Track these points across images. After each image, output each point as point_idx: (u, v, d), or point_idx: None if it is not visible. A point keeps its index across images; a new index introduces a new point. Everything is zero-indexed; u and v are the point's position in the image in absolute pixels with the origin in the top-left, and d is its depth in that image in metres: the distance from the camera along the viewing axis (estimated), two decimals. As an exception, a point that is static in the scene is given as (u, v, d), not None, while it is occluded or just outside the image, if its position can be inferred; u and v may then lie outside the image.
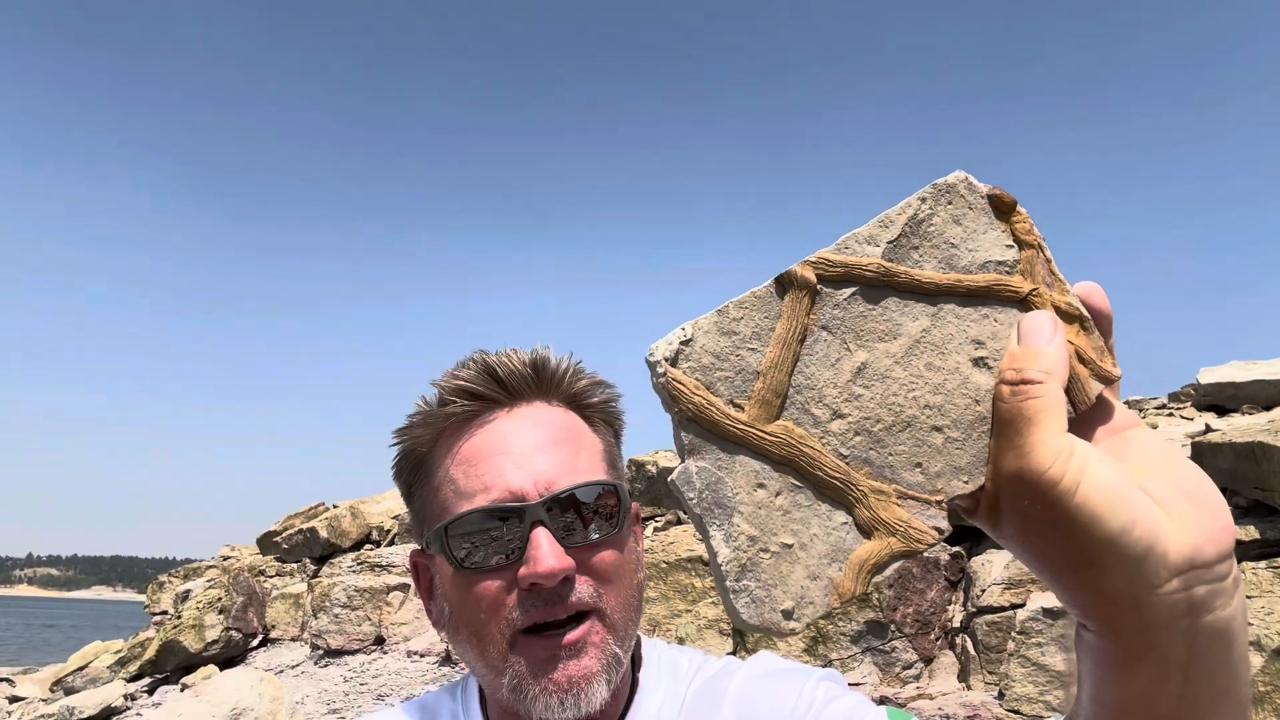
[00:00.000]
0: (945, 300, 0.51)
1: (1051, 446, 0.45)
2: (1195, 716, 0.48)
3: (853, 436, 0.50)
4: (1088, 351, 0.51)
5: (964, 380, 0.50)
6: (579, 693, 0.86)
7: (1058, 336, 0.49)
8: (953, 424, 0.50)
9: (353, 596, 8.70)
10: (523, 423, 0.94)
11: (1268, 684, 3.38)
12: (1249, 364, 8.71)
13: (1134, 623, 0.45)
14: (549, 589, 0.87)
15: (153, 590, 12.79)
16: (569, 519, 0.89)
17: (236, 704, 5.94)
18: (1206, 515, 0.46)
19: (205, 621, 9.09)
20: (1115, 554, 0.44)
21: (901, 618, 5.24)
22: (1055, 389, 0.47)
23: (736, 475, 0.49)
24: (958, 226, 0.52)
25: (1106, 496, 0.44)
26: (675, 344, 0.49)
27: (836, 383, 0.50)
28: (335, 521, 10.78)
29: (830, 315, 0.50)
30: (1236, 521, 4.22)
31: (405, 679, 7.64)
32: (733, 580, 0.48)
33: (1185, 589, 0.45)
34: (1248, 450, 4.11)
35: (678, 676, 1.00)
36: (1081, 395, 0.50)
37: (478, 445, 0.93)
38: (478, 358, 0.97)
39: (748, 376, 0.50)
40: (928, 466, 0.50)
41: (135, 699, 8.48)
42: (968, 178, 0.52)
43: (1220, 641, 0.47)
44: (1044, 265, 0.52)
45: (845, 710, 0.89)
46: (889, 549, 0.49)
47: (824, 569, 0.49)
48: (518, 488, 0.89)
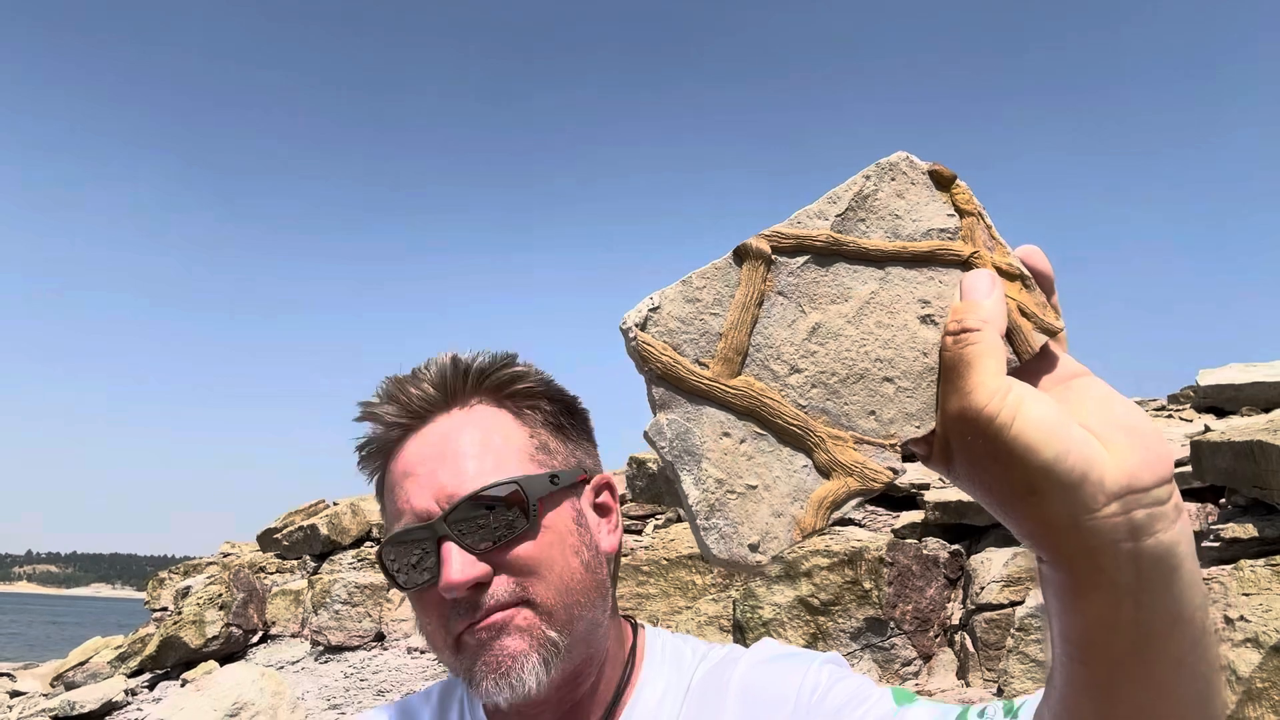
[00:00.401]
0: (892, 265, 0.55)
1: (989, 386, 0.49)
2: (1153, 642, 0.51)
3: (810, 389, 0.54)
4: (1030, 306, 0.55)
5: (912, 335, 0.55)
6: (507, 671, 0.88)
7: (995, 291, 0.54)
8: (903, 375, 0.54)
9: (353, 593, 8.71)
10: (428, 439, 0.97)
11: (1266, 680, 3.40)
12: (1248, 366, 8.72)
13: (1078, 546, 0.48)
14: (464, 598, 0.89)
15: (153, 587, 12.79)
16: (477, 524, 0.90)
17: (238, 699, 5.95)
18: (1141, 445, 0.49)
19: (206, 618, 9.10)
20: (1051, 480, 0.47)
21: (901, 615, 5.26)
22: (992, 335, 0.52)
23: (703, 425, 0.53)
24: (901, 200, 0.56)
25: (1040, 428, 0.48)
26: (644, 311, 0.54)
27: (793, 341, 0.54)
28: (336, 518, 10.78)
29: (785, 281, 0.55)
30: (1235, 520, 4.25)
31: (405, 675, 7.65)
32: (703, 519, 0.52)
33: (1124, 512, 0.48)
34: (1246, 449, 4.12)
35: (681, 666, 1.01)
36: (1025, 346, 0.55)
37: (395, 471, 0.98)
38: (385, 386, 1.00)
39: (711, 338, 0.54)
40: (881, 414, 0.54)
41: (136, 694, 8.49)
42: (909, 156, 0.57)
43: (1165, 564, 0.49)
44: (985, 231, 0.56)
45: (849, 691, 0.90)
46: (846, 488, 0.53)
47: (787, 507, 0.53)
48: (422, 508, 0.92)
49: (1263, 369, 8.54)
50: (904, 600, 5.29)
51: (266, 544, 11.76)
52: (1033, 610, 4.51)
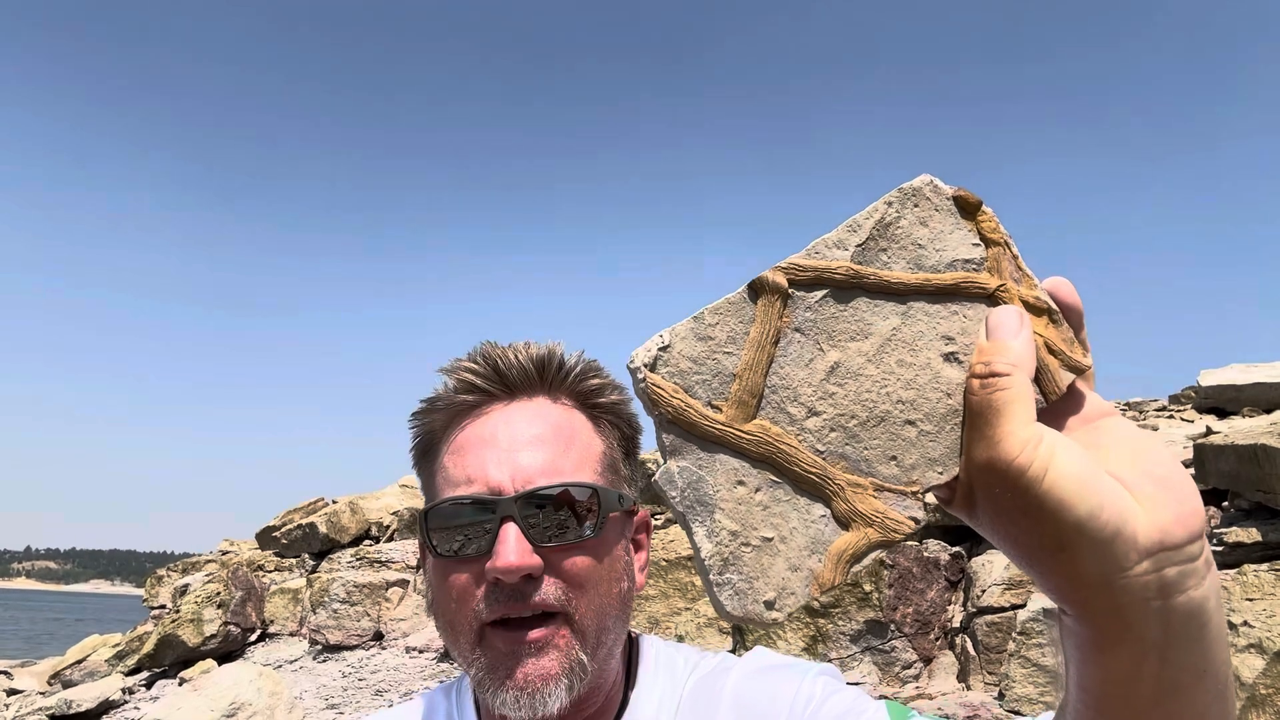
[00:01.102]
0: (914, 299, 0.53)
1: (1019, 436, 0.47)
2: (1174, 697, 0.49)
3: (828, 433, 0.52)
4: (1057, 343, 0.53)
5: (935, 375, 0.52)
6: (534, 693, 0.85)
7: (1024, 330, 0.51)
8: (925, 417, 0.52)
9: (351, 592, 8.69)
10: (516, 417, 0.94)
11: (1270, 686, 3.38)
12: (1249, 367, 8.71)
13: (1107, 604, 0.47)
14: (511, 585, 0.86)
15: (151, 584, 12.79)
16: (543, 517, 0.88)
17: (235, 698, 5.93)
18: (1175, 499, 0.47)
19: (204, 616, 9.09)
20: (1084, 537, 0.46)
21: (901, 617, 5.24)
22: (1022, 380, 0.49)
23: (716, 473, 0.51)
24: (924, 228, 0.54)
25: (1073, 482, 0.46)
26: (654, 350, 0.52)
27: (811, 382, 0.52)
28: (334, 517, 10.78)
29: (803, 317, 0.52)
30: (1238, 524, 4.23)
31: (404, 674, 7.64)
32: (716, 574, 0.50)
33: (1156, 570, 0.46)
34: (1250, 453, 4.10)
35: (675, 675, 1.00)
36: (1052, 385, 0.52)
37: (469, 437, 0.94)
38: (484, 349, 0.98)
39: (724, 379, 0.52)
40: (902, 459, 0.52)
41: (133, 693, 8.48)
42: (933, 180, 0.54)
43: (1195, 622, 0.48)
44: (1011, 261, 0.54)
45: (844, 705, 0.88)
46: (867, 539, 0.51)
47: (804, 560, 0.51)
48: (496, 481, 0.89)
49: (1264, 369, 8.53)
50: (904, 603, 5.27)
51: (265, 542, 11.75)
52: (1035, 614, 4.49)
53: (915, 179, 0.54)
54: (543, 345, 0.98)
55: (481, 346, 0.98)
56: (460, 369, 0.97)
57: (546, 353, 0.97)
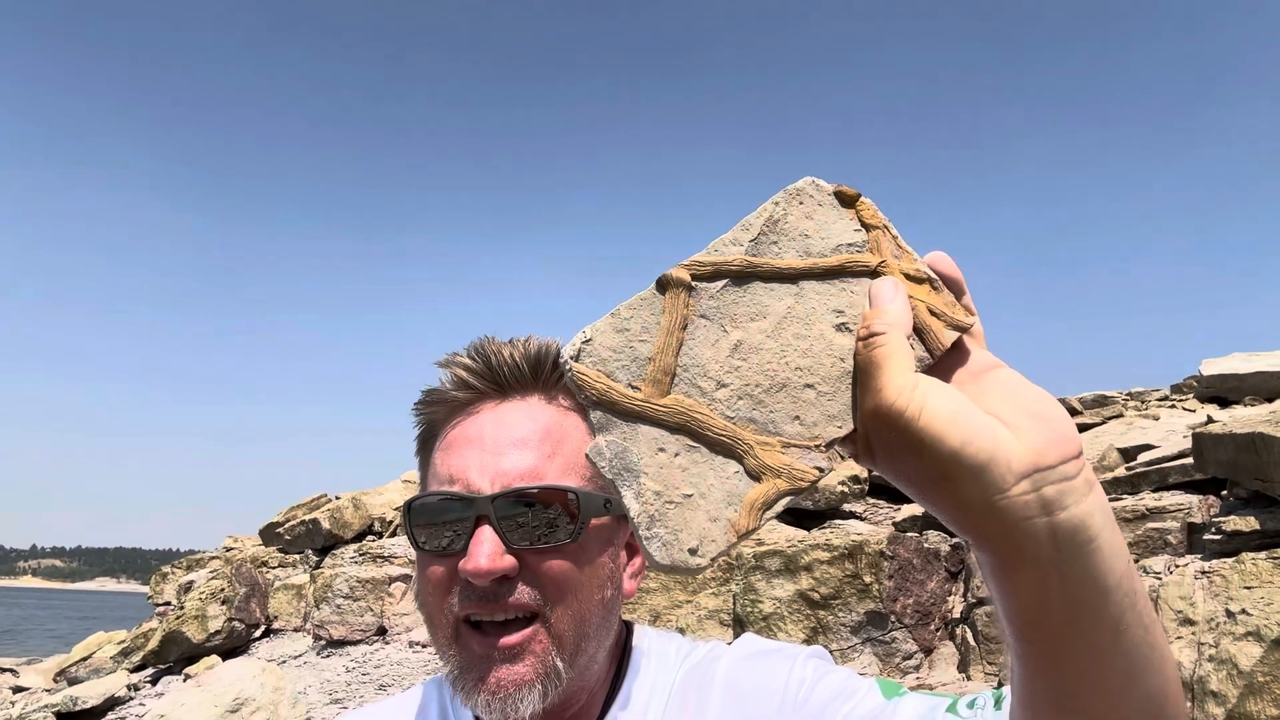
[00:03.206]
0: (805, 280, 0.60)
1: (897, 383, 0.54)
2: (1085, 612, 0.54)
3: (736, 401, 0.58)
4: (939, 306, 0.60)
5: (829, 343, 0.59)
6: (506, 699, 0.85)
7: (899, 295, 0.58)
8: (822, 380, 0.58)
9: (355, 587, 8.72)
10: (506, 418, 0.94)
11: (1267, 674, 3.38)
12: (1251, 355, 8.70)
13: (994, 525, 0.52)
14: (483, 586, 0.86)
15: (156, 581, 12.82)
16: (521, 519, 0.87)
17: (239, 694, 5.96)
18: (1046, 427, 0.53)
19: (208, 612, 9.12)
20: (960, 465, 0.51)
21: (902, 609, 5.25)
22: (898, 337, 0.56)
23: (640, 443, 0.56)
24: (810, 220, 0.61)
25: (945, 417, 0.52)
26: (578, 344, 0.58)
27: (717, 359, 0.58)
28: (338, 513, 10.80)
29: (707, 305, 0.59)
30: (1236, 513, 4.23)
31: (407, 669, 7.66)
32: (644, 529, 0.55)
33: (1034, 490, 0.51)
34: (1248, 441, 4.09)
35: (666, 665, 1.00)
36: (936, 342, 0.59)
37: (458, 435, 0.94)
38: (480, 344, 0.97)
39: (641, 363, 0.58)
40: (805, 418, 0.58)
41: (138, 689, 8.51)
42: (815, 180, 0.62)
43: (1081, 535, 0.52)
44: (891, 241, 0.61)
45: (835, 687, 0.89)
46: (776, 488, 0.56)
47: (722, 511, 0.56)
48: (476, 481, 0.89)
49: (1265, 358, 8.52)
50: (905, 594, 5.28)
51: (269, 538, 11.78)
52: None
53: (799, 181, 0.61)
54: (540, 342, 0.97)
55: (478, 341, 0.98)
56: (455, 364, 0.97)
57: (543, 350, 0.96)
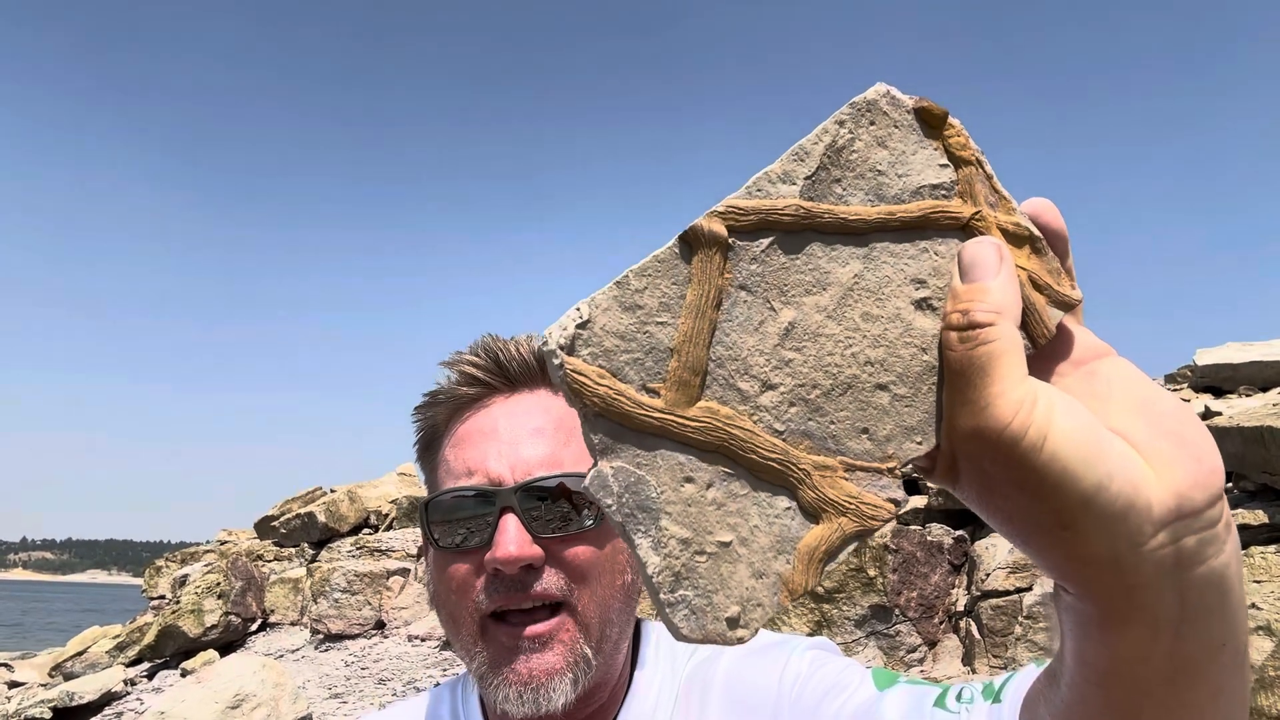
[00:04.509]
0: (877, 238, 0.44)
1: (1010, 398, 0.39)
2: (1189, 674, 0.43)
3: (787, 408, 0.43)
4: (1042, 276, 0.45)
5: (907, 327, 0.44)
6: (539, 688, 0.84)
7: (1005, 266, 0.43)
8: (899, 379, 0.44)
9: (352, 581, 8.69)
10: (518, 409, 0.94)
11: (1278, 669, 3.39)
12: (1246, 345, 8.75)
13: (1117, 584, 0.40)
14: (511, 576, 0.86)
15: (150, 575, 12.78)
16: (544, 509, 0.88)
17: (239, 690, 5.93)
18: (1191, 457, 0.40)
19: (204, 606, 9.08)
20: (1092, 514, 0.38)
21: (906, 602, 5.25)
22: (1009, 329, 0.41)
23: (659, 472, 0.42)
24: (883, 150, 0.45)
25: (1077, 449, 0.38)
26: (570, 328, 0.42)
27: (763, 349, 0.43)
28: (333, 506, 10.76)
29: (748, 272, 0.43)
30: (1244, 506, 4.24)
31: (406, 663, 7.64)
32: (667, 591, 0.41)
33: (1173, 542, 0.39)
34: (1256, 434, 4.10)
35: (675, 662, 1.00)
36: (1040, 327, 0.44)
37: (470, 429, 0.94)
38: (485, 341, 0.97)
39: (660, 356, 0.42)
40: (875, 431, 0.44)
41: (135, 684, 8.48)
42: (890, 91, 0.45)
43: (1215, 592, 0.41)
44: (985, 183, 0.45)
45: (831, 678, 0.88)
46: (840, 531, 0.42)
47: (770, 564, 0.42)
48: (496, 473, 0.89)
49: (1260, 348, 8.57)
50: (909, 587, 5.28)
51: (264, 531, 11.73)
52: (1040, 598, 4.50)
53: (870, 90, 0.45)
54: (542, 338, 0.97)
55: (483, 339, 0.98)
56: (461, 361, 0.97)
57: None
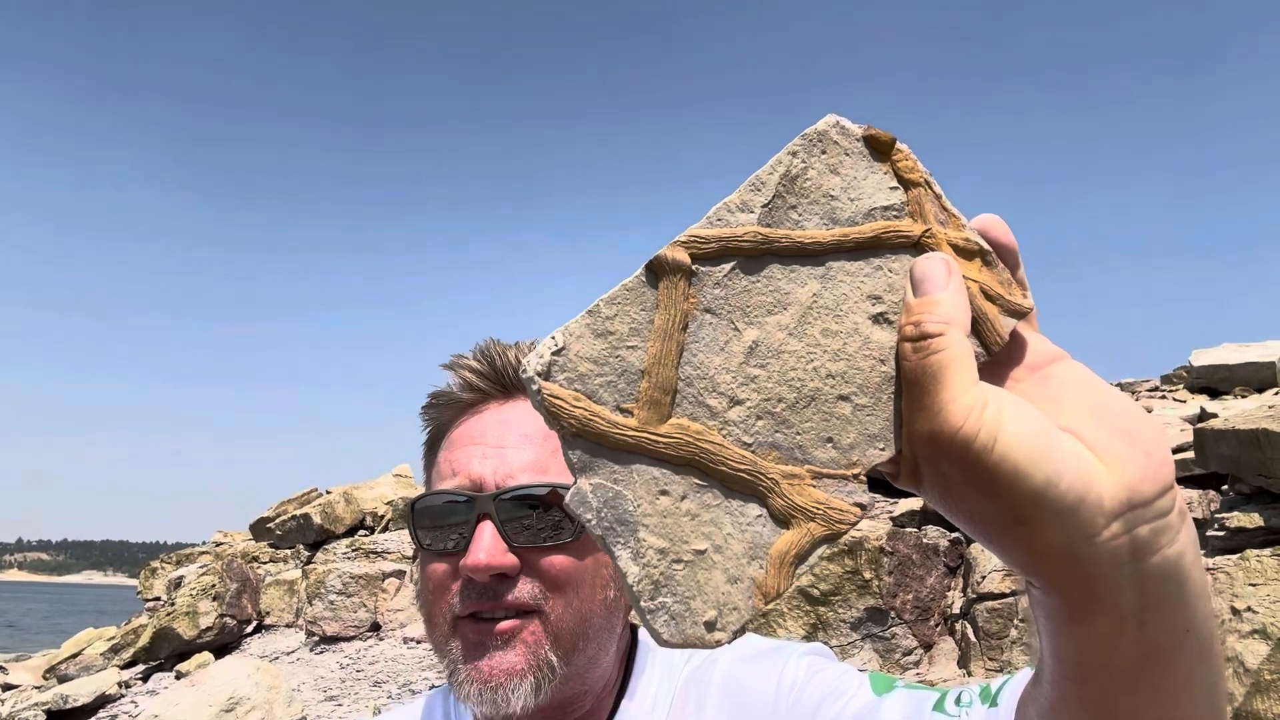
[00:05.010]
0: (833, 258, 0.47)
1: (962, 403, 0.42)
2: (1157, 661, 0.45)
3: (755, 421, 0.46)
4: (994, 287, 0.48)
5: (865, 340, 0.47)
6: (497, 688, 0.84)
7: (953, 279, 0.45)
8: (859, 389, 0.47)
9: (348, 583, 8.67)
10: (510, 416, 0.94)
11: (1275, 673, 3.38)
12: (1241, 346, 8.78)
13: (1077, 574, 0.42)
14: (483, 583, 0.86)
15: (145, 576, 12.74)
16: (523, 517, 0.88)
17: (234, 693, 5.91)
18: (1140, 451, 0.42)
19: (199, 608, 9.05)
20: (1045, 508, 0.40)
21: (901, 604, 5.25)
22: (958, 338, 0.44)
23: (635, 486, 0.45)
24: (835, 176, 0.48)
25: (1027, 448, 0.40)
26: (546, 356, 0.45)
27: (729, 367, 0.46)
28: (329, 507, 10.73)
29: (711, 295, 0.46)
30: (1239, 509, 4.24)
31: (402, 665, 7.62)
32: (648, 599, 0.44)
33: (1126, 531, 0.41)
34: (1251, 437, 4.10)
35: (671, 668, 0.99)
36: (993, 335, 0.47)
37: (462, 433, 0.95)
38: (485, 346, 0.98)
39: (631, 378, 0.45)
40: (839, 440, 0.46)
41: (129, 686, 8.45)
42: (839, 121, 0.48)
43: (1172, 580, 0.43)
44: (934, 202, 0.48)
45: (828, 685, 0.88)
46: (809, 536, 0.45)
47: (743, 569, 0.45)
48: (478, 476, 0.90)
49: (1255, 349, 8.59)
50: (904, 589, 5.27)
51: (259, 533, 11.70)
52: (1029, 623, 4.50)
53: (820, 121, 0.48)
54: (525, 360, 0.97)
55: (484, 344, 0.98)
56: (460, 366, 0.98)
57: None
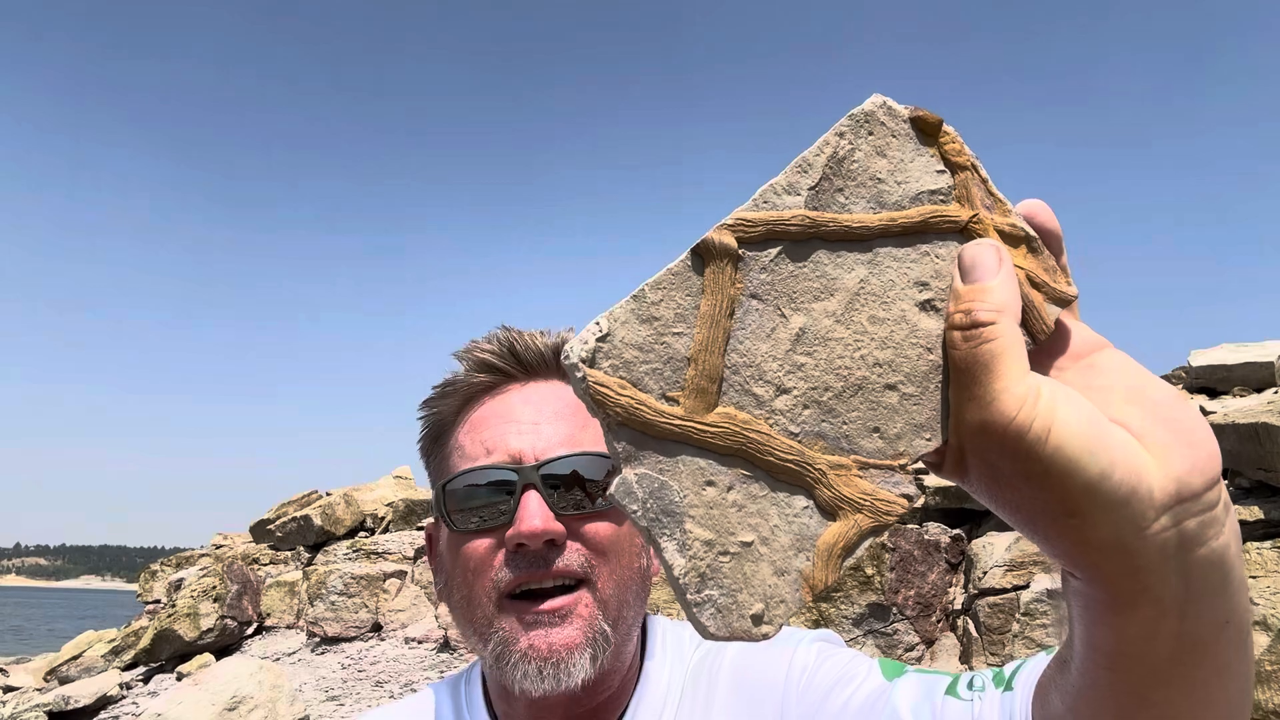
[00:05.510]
0: (880, 243, 0.47)
1: (1014, 392, 0.41)
2: (1195, 652, 0.46)
3: (801, 411, 0.46)
4: (1039, 274, 0.47)
5: (913, 328, 0.47)
6: (559, 662, 0.84)
7: (1004, 266, 0.45)
8: (907, 378, 0.46)
9: (349, 584, 8.67)
10: (534, 395, 0.95)
11: (1275, 663, 3.41)
12: (1239, 346, 8.80)
13: (1124, 567, 0.42)
14: (534, 551, 0.86)
15: (145, 579, 12.72)
16: (564, 487, 0.89)
17: (236, 692, 5.92)
18: (1188, 443, 0.42)
19: (200, 610, 9.05)
20: (1097, 501, 0.41)
21: (903, 600, 5.26)
22: (1010, 326, 0.43)
23: (681, 477, 0.45)
24: (882, 159, 0.47)
25: (1081, 440, 0.40)
26: (591, 342, 0.44)
27: (775, 355, 0.46)
28: (329, 509, 10.73)
29: (758, 281, 0.46)
30: (1239, 502, 4.26)
31: (403, 665, 7.63)
32: (694, 592, 0.44)
33: (1175, 525, 0.42)
34: (1251, 431, 4.12)
35: (682, 654, 1.00)
36: (1039, 324, 0.47)
37: (486, 414, 0.95)
38: (499, 332, 0.98)
39: (677, 365, 0.45)
40: (886, 429, 0.46)
41: (130, 688, 8.44)
42: (886, 102, 0.48)
43: (1217, 573, 0.44)
44: (980, 187, 0.48)
45: (839, 669, 0.88)
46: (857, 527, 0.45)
47: (791, 562, 0.45)
48: (516, 451, 0.90)
49: (1254, 349, 8.62)
50: (906, 585, 5.29)
51: (259, 535, 11.70)
52: (1038, 595, 4.51)
53: (866, 101, 0.48)
54: (556, 333, 0.99)
55: (499, 329, 0.99)
56: (477, 349, 0.98)
57: (560, 340, 0.98)
